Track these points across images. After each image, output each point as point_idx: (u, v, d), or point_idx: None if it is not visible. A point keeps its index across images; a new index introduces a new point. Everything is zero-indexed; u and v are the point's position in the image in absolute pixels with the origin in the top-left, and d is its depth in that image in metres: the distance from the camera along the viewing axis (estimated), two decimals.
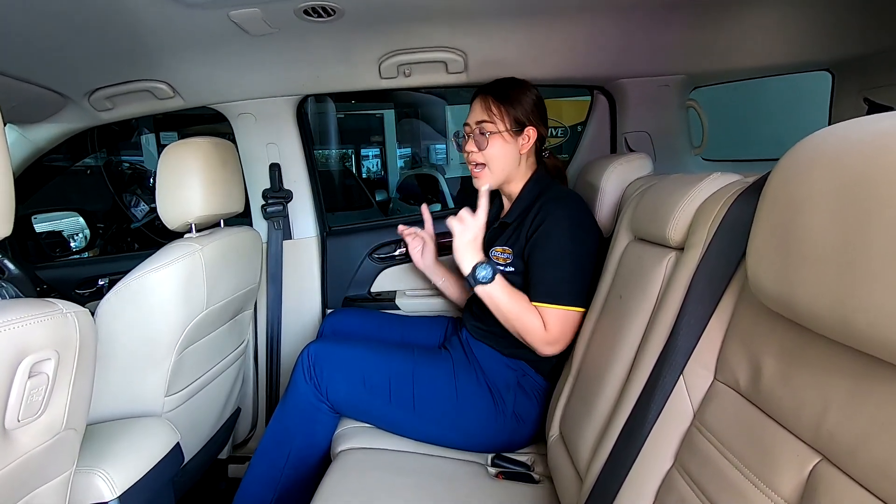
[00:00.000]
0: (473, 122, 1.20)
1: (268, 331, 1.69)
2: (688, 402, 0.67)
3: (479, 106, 1.19)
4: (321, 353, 1.16)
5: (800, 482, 0.48)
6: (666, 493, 0.65)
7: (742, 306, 0.63)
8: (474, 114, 1.20)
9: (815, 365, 0.50)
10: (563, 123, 8.47)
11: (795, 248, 0.48)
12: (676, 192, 0.82)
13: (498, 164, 1.19)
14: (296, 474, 1.17)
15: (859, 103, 1.54)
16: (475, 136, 1.18)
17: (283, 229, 1.65)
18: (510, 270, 1.15)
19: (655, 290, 0.92)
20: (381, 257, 1.71)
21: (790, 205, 0.50)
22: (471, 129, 1.20)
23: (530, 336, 1.07)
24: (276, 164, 1.61)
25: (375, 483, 0.99)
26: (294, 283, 1.69)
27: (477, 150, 1.18)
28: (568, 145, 8.03)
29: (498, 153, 1.18)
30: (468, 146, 1.20)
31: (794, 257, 0.49)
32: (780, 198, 0.52)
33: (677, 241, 0.79)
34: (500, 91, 1.20)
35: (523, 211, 1.18)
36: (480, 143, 1.18)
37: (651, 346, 0.74)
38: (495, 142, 1.17)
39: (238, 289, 1.33)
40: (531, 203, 1.17)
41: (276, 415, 1.19)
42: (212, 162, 1.19)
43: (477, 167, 1.19)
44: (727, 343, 0.64)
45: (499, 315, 1.09)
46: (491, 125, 1.17)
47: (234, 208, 1.31)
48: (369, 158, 8.26)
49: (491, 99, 1.18)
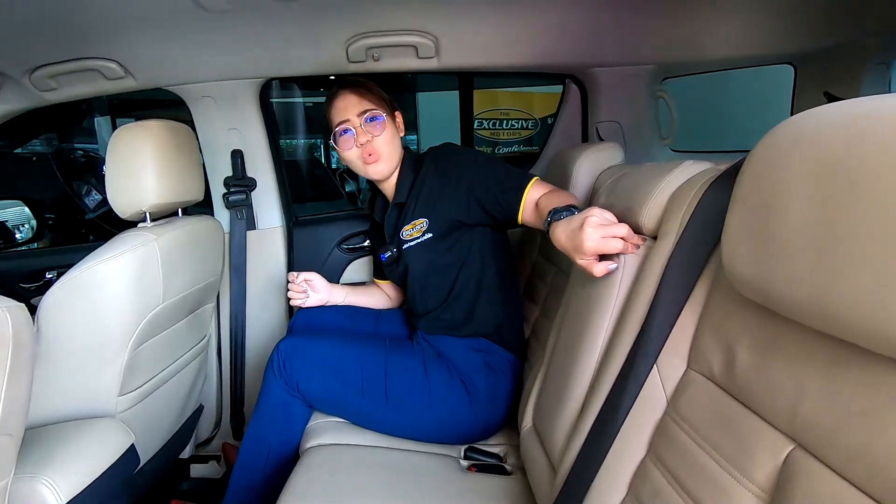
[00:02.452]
0: (355, 115, 1.15)
1: (231, 325, 1.62)
2: (661, 390, 0.66)
3: (353, 97, 1.15)
4: (292, 350, 1.12)
5: (774, 470, 0.48)
6: (640, 483, 0.64)
7: (715, 294, 0.63)
8: (350, 108, 1.15)
9: (789, 353, 0.49)
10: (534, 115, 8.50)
11: (772, 235, 0.48)
12: (649, 181, 0.81)
13: (392, 148, 1.17)
14: (277, 473, 1.13)
15: (820, 97, 1.58)
16: (365, 126, 1.14)
17: (246, 219, 1.58)
18: (429, 237, 1.14)
19: (629, 278, 0.91)
20: (351, 248, 1.67)
21: (767, 190, 0.49)
22: (353, 122, 1.15)
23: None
24: (239, 150, 1.54)
25: (343, 481, 0.96)
26: (259, 275, 1.62)
27: (372, 137, 1.15)
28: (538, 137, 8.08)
29: (390, 137, 1.17)
30: (361, 137, 1.15)
31: (771, 244, 0.48)
32: (756, 184, 0.51)
33: (651, 228, 0.78)
34: (360, 81, 1.19)
35: (413, 184, 1.18)
36: (374, 130, 1.15)
37: (624, 335, 0.74)
38: (386, 126, 1.16)
39: (197, 281, 1.27)
40: (415, 175, 1.18)
41: (253, 419, 1.14)
42: (167, 146, 1.12)
43: (371, 155, 1.15)
44: (700, 331, 0.64)
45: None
46: (377, 110, 1.15)
47: (192, 196, 1.24)
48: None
49: (361, 89, 1.16)
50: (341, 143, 1.17)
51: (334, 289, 1.37)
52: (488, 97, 7.46)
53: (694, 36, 1.41)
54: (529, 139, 8.05)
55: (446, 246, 1.14)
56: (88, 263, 0.99)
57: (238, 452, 1.13)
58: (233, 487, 1.10)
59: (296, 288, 1.30)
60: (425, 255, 1.16)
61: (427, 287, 1.19)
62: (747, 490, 0.49)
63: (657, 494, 0.61)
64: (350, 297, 1.39)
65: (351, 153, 1.17)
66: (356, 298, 1.40)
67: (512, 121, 7.98)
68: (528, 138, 8.06)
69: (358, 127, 1.15)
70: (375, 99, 1.17)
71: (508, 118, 7.96)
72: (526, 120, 8.22)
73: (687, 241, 0.68)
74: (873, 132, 0.39)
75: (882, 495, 0.38)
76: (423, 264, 1.17)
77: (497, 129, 7.86)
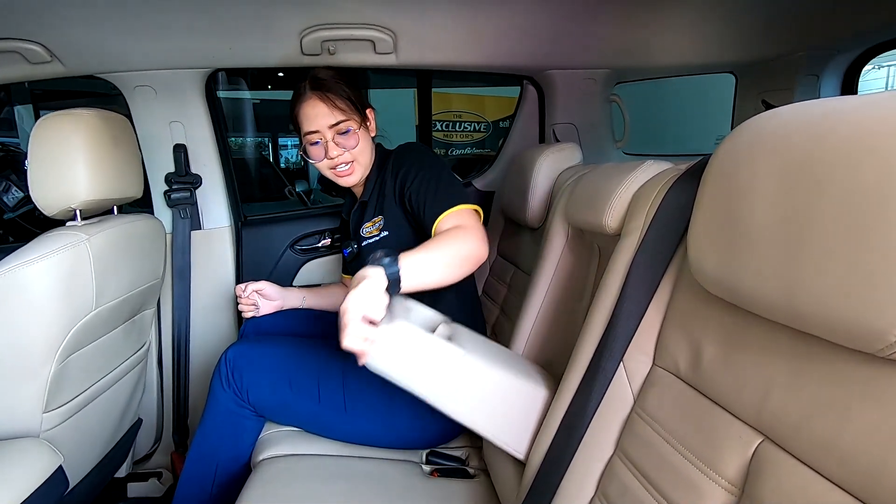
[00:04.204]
0: (326, 127, 1.09)
1: (174, 331, 1.51)
2: (628, 388, 0.67)
3: (323, 107, 1.08)
4: (241, 357, 1.05)
5: (743, 463, 0.48)
6: (608, 481, 0.64)
7: (680, 291, 0.63)
8: (321, 118, 1.09)
9: (755, 347, 0.50)
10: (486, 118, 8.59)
11: (739, 232, 0.48)
12: (612, 180, 0.82)
13: (365, 156, 1.14)
14: (227, 490, 1.05)
15: (758, 104, 1.68)
16: (337, 139, 1.10)
17: (190, 218, 1.48)
18: (384, 235, 1.11)
19: (592, 278, 0.92)
20: (304, 249, 1.60)
21: (732, 188, 0.50)
22: (323, 134, 1.09)
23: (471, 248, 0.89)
24: (182, 145, 1.44)
25: (299, 493, 0.91)
26: (205, 278, 1.53)
27: (343, 151, 1.10)
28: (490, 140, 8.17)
29: (364, 146, 1.13)
30: (332, 151, 1.10)
31: (737, 241, 0.48)
32: (721, 181, 0.52)
33: (614, 228, 0.79)
34: (331, 84, 1.10)
35: (375, 183, 1.16)
36: (348, 143, 1.10)
37: (590, 334, 0.73)
38: (359, 138, 1.11)
39: (135, 285, 1.17)
40: (379, 171, 1.16)
41: (198, 433, 1.06)
42: (99, 137, 1.02)
43: (345, 166, 1.12)
44: (665, 328, 0.64)
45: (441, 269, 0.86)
46: (349, 122, 1.10)
47: (129, 193, 1.14)
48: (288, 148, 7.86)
49: (331, 95, 1.09)
50: (311, 152, 1.12)
51: (289, 293, 1.31)
52: (442, 99, 7.48)
53: (645, 43, 1.45)
54: (482, 142, 8.14)
55: (403, 240, 1.10)
56: (7, 266, 0.89)
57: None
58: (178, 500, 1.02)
59: (245, 301, 1.23)
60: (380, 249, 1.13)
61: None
62: (716, 485, 0.50)
63: (625, 492, 0.61)
64: (308, 300, 1.33)
65: (322, 164, 1.13)
66: (315, 301, 1.34)
67: (465, 123, 8.05)
68: (480, 141, 8.14)
69: (329, 141, 1.10)
70: (347, 105, 1.10)
71: (461, 120, 8.02)
72: (479, 123, 8.31)
73: (651, 240, 0.68)
74: (836, 130, 0.41)
75: (850, 485, 0.39)
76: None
77: (450, 132, 7.90)
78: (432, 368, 0.80)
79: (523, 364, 0.93)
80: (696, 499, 0.51)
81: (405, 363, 0.79)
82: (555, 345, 1.01)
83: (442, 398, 0.81)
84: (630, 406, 0.66)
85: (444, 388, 0.81)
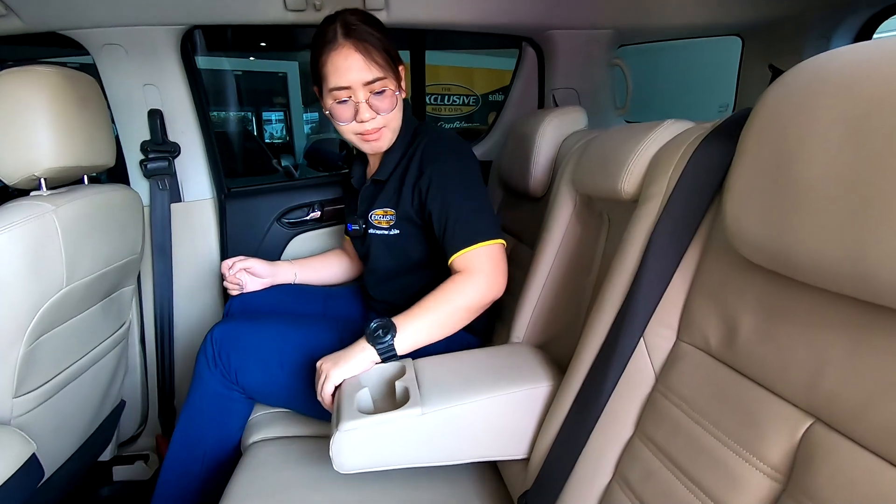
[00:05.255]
0: (360, 84, 0.91)
1: (156, 310, 1.44)
2: (649, 365, 0.62)
3: (359, 59, 0.90)
4: (228, 336, 0.98)
5: (789, 448, 0.44)
6: (628, 465, 0.60)
7: (710, 260, 0.58)
8: (354, 72, 0.90)
9: (804, 320, 0.45)
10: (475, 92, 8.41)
11: (791, 191, 0.42)
12: (627, 142, 0.76)
13: (397, 119, 1.00)
14: (215, 476, 1.00)
15: (765, 69, 1.61)
16: (371, 101, 0.93)
17: (169, 190, 1.39)
18: (395, 234, 1.01)
19: (601, 250, 0.86)
20: (293, 222, 1.52)
21: (783, 140, 0.44)
22: (355, 92, 0.92)
23: (472, 297, 0.88)
24: (157, 110, 1.33)
25: (291, 476, 0.86)
26: (187, 253, 1.45)
27: (377, 114, 0.95)
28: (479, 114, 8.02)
29: (399, 109, 0.99)
30: (364, 113, 0.93)
31: (789, 201, 0.43)
32: (768, 133, 0.46)
33: (631, 193, 0.73)
34: (367, 32, 0.92)
35: (398, 162, 1.02)
36: (383, 106, 0.94)
37: (605, 309, 0.68)
38: (395, 101, 0.96)
39: (111, 260, 1.09)
40: (404, 151, 1.02)
41: (182, 416, 0.99)
42: (63, 97, 0.93)
43: (374, 133, 0.97)
44: (692, 300, 0.59)
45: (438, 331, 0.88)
46: (386, 81, 0.93)
47: (100, 161, 1.05)
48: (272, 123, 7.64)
49: (368, 46, 0.91)
50: (337, 112, 0.95)
51: (279, 268, 1.23)
52: (430, 71, 7.30)
53: (649, 2, 1.37)
54: (471, 116, 7.98)
55: (412, 244, 1.02)
56: None
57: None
58: (161, 494, 0.97)
59: (231, 279, 1.15)
60: (388, 249, 1.04)
61: (386, 280, 1.09)
62: (757, 470, 0.45)
63: (648, 476, 0.56)
64: (300, 275, 1.25)
65: (347, 127, 0.97)
66: (308, 275, 1.26)
67: (454, 96, 7.88)
68: (469, 115, 7.99)
69: (362, 102, 0.93)
70: (384, 60, 0.92)
71: (450, 94, 7.85)
72: (468, 96, 8.14)
73: (675, 205, 0.63)
74: None
75: None
76: (385, 258, 1.06)
77: (439, 105, 7.73)
78: (401, 441, 0.75)
79: (517, 358, 0.87)
80: (733, 485, 0.47)
81: (372, 453, 0.75)
82: (560, 321, 0.96)
83: (429, 457, 0.77)
84: (651, 384, 0.61)
85: (427, 448, 0.76)
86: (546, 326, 0.97)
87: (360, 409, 0.77)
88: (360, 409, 0.77)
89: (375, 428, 0.73)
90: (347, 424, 0.72)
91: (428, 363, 0.85)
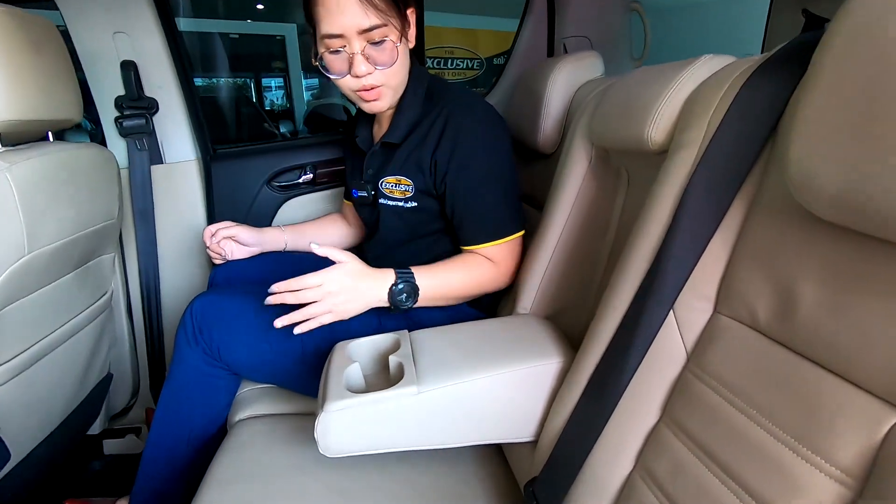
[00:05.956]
0: (355, 32, 0.78)
1: (141, 279, 1.36)
2: (679, 341, 0.53)
3: (355, 3, 0.77)
4: (210, 309, 0.89)
5: (868, 448, 0.35)
6: (653, 455, 0.52)
7: (759, 217, 0.48)
8: (348, 17, 0.77)
9: (889, 290, 0.36)
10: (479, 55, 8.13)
11: (889, 127, 0.32)
12: (656, 82, 0.65)
13: (399, 76, 0.86)
14: (204, 455, 0.93)
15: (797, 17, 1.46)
16: (368, 52, 0.80)
17: (149, 150, 1.29)
18: (411, 207, 0.91)
19: (618, 210, 0.77)
20: (284, 185, 1.42)
21: (875, 66, 0.34)
22: (349, 41, 0.79)
23: (487, 285, 0.90)
24: (130, 62, 1.22)
25: (277, 458, 0.79)
26: (171, 219, 1.36)
27: (375, 68, 0.82)
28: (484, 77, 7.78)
29: (401, 65, 0.85)
30: (359, 66, 0.80)
31: (885, 141, 0.33)
32: (858, 52, 0.36)
33: (659, 142, 0.63)
34: None
35: (414, 124, 0.90)
36: (381, 59, 0.82)
37: (628, 277, 0.59)
38: (397, 53, 0.82)
39: (82, 226, 1.00)
40: (420, 111, 0.90)
41: (163, 395, 0.92)
42: (13, 41, 0.82)
43: (371, 91, 0.85)
44: (735, 267, 0.50)
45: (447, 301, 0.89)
46: (386, 29, 0.80)
47: (62, 115, 0.95)
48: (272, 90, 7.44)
49: None
50: (330, 63, 0.83)
51: (267, 234, 1.13)
52: (433, 34, 7.03)
53: None
54: (475, 80, 7.72)
55: (430, 218, 0.92)
56: None
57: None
58: (146, 473, 0.91)
59: (214, 248, 1.06)
60: (401, 220, 0.94)
61: (395, 248, 0.99)
62: (822, 473, 0.37)
63: (679, 469, 0.49)
64: (293, 242, 1.16)
65: (343, 82, 0.85)
66: (300, 242, 1.16)
67: (457, 60, 7.60)
68: (473, 79, 7.72)
69: (357, 54, 0.80)
70: (386, 4, 0.79)
71: (453, 57, 7.57)
72: (471, 59, 7.84)
73: (717, 153, 0.52)
74: None
75: None
76: (398, 229, 0.96)
77: (442, 69, 7.46)
78: (394, 422, 0.67)
79: (524, 331, 0.78)
80: (789, 488, 0.39)
81: (361, 436, 0.67)
82: (571, 290, 0.87)
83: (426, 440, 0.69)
84: (682, 363, 0.53)
85: (424, 430, 0.68)
86: (556, 296, 0.88)
87: (350, 387, 0.70)
88: (349, 387, 0.69)
89: (365, 408, 0.65)
90: (334, 404, 0.64)
91: (425, 336, 0.77)
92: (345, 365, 0.72)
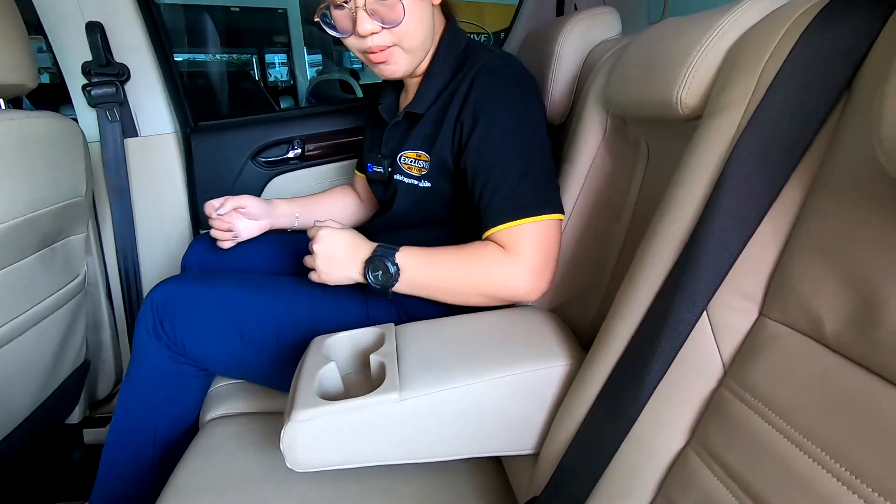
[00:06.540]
0: None
1: (119, 262, 1.28)
2: (714, 350, 0.43)
3: None
4: (173, 299, 0.80)
5: None
6: (678, 486, 0.43)
7: (824, 197, 0.38)
8: None
9: None
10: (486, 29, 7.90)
11: None
12: (687, 34, 0.54)
13: (416, 38, 0.74)
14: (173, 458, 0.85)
15: None
16: (372, 6, 0.70)
17: (121, 122, 1.19)
18: (425, 187, 0.79)
19: (635, 190, 0.66)
20: (271, 161, 1.33)
21: None
22: None
23: (498, 280, 0.68)
24: (97, 23, 1.11)
25: (248, 464, 0.71)
26: (149, 197, 1.27)
27: (382, 27, 0.71)
28: None
29: (416, 21, 0.73)
30: (363, 23, 0.70)
31: None
32: None
33: (692, 106, 0.52)
34: None
35: (440, 92, 0.79)
36: (388, 16, 0.71)
37: (649, 269, 0.49)
38: (409, 8, 0.71)
39: (42, 203, 0.91)
40: (450, 78, 0.79)
41: (122, 400, 0.83)
42: None
43: (383, 52, 0.74)
44: (791, 259, 0.40)
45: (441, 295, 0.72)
46: None
47: (12, 79, 0.85)
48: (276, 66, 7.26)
49: None
50: (335, 20, 0.73)
51: (277, 209, 1.00)
52: None
53: None
54: None
55: (443, 202, 0.80)
56: None
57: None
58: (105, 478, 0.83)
59: (220, 225, 0.93)
60: (414, 200, 0.82)
61: (405, 227, 0.88)
62: None
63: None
64: (304, 217, 1.04)
65: (349, 41, 0.74)
66: (312, 217, 1.04)
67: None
68: None
69: (360, 9, 0.69)
70: None
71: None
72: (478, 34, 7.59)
73: (769, 116, 0.42)
74: None
75: None
76: (411, 210, 0.84)
77: None
78: (373, 434, 0.58)
79: (525, 326, 0.68)
80: None
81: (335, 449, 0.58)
82: (580, 279, 0.77)
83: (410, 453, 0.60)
84: (717, 378, 0.43)
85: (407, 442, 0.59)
86: (562, 284, 0.78)
87: (324, 391, 0.61)
88: (323, 391, 0.60)
89: (338, 417, 0.56)
90: (301, 413, 0.55)
91: (412, 331, 0.68)
92: (320, 364, 0.63)
